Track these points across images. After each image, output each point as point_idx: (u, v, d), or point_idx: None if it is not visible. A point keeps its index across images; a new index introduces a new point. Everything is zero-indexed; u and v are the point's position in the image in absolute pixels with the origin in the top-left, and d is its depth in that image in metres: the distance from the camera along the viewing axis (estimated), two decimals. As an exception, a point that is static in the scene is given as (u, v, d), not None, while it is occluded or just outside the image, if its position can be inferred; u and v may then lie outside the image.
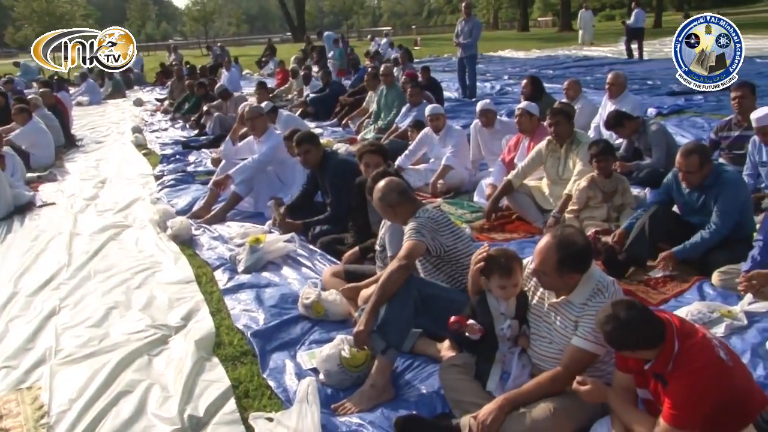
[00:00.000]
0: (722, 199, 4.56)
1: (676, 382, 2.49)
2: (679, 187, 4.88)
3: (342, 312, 4.31)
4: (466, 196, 7.14)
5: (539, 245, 2.96)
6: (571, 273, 2.91)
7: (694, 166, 4.58)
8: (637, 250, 4.79)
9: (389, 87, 10.52)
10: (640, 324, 2.52)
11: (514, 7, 63.80)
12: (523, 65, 22.74)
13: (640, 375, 2.70)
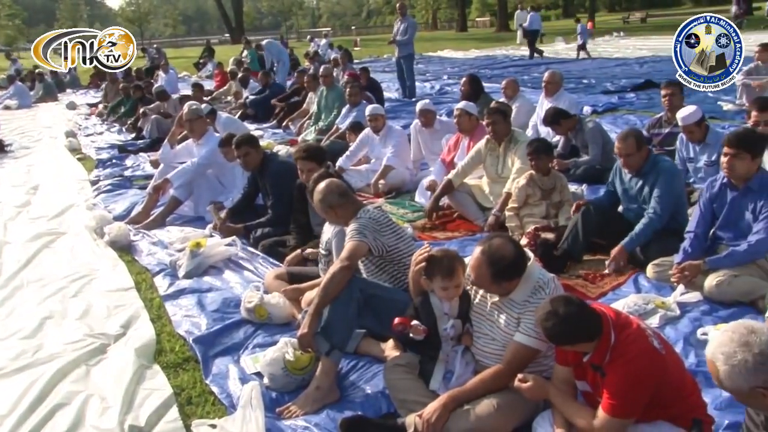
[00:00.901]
0: (659, 185, 4.75)
1: (614, 373, 2.56)
2: (620, 175, 5.07)
3: (285, 315, 4.28)
4: (408, 196, 7.18)
5: (471, 261, 3.00)
6: (507, 282, 2.97)
7: (632, 148, 4.79)
8: (571, 247, 4.93)
9: (329, 88, 10.50)
10: (578, 319, 2.58)
11: (453, 7, 64.58)
12: (462, 65, 23.04)
13: (578, 368, 2.76)
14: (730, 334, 2.05)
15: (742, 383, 1.99)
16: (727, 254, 4.21)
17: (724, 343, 2.03)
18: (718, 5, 54.10)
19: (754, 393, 1.99)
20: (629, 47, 26.20)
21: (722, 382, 2.03)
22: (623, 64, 19.76)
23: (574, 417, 2.71)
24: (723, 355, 2.02)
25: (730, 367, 1.99)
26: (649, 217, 4.73)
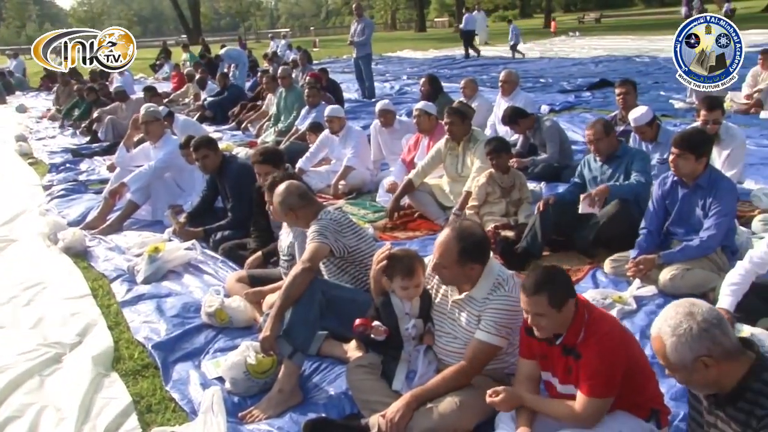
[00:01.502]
0: (636, 162, 5.01)
1: (589, 351, 2.60)
2: (589, 165, 5.25)
3: (246, 318, 4.24)
4: (368, 196, 7.19)
5: (439, 239, 3.02)
6: (471, 263, 2.97)
7: (600, 133, 5.02)
8: (531, 245, 5.00)
9: (288, 89, 10.44)
10: (562, 273, 2.73)
11: (411, 8, 64.83)
12: (421, 65, 23.16)
13: (544, 359, 2.80)
14: (674, 308, 2.15)
15: (687, 353, 2.06)
16: (680, 249, 4.32)
17: (669, 317, 2.12)
18: (669, 6, 55.52)
19: (697, 366, 2.06)
20: (585, 47, 26.63)
21: (669, 358, 2.09)
22: (579, 64, 20.10)
23: (553, 411, 2.73)
24: (669, 327, 2.09)
25: (677, 338, 2.07)
26: (637, 180, 4.91)
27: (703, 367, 2.06)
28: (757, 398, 2.04)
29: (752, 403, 2.05)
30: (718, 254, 4.35)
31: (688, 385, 2.19)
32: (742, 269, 3.78)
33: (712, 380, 2.10)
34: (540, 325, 2.65)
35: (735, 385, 2.09)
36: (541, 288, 2.61)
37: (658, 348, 2.12)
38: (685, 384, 2.18)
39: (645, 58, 19.94)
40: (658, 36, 29.30)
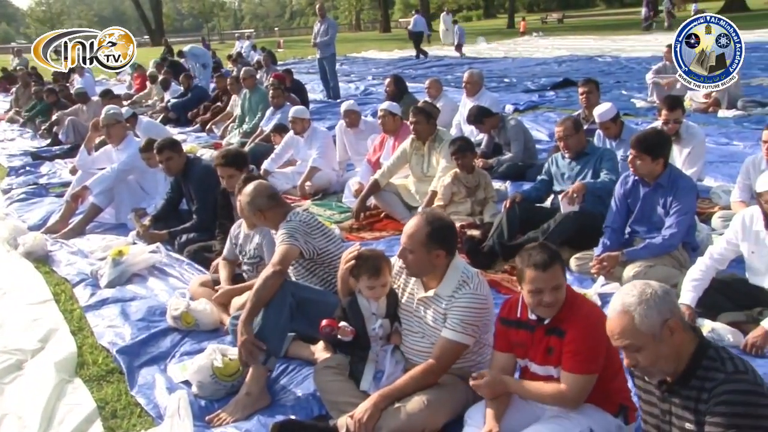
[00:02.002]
0: (605, 161, 5.10)
1: (574, 328, 2.64)
2: (557, 162, 5.32)
3: (212, 321, 4.20)
4: (334, 197, 7.19)
5: (408, 225, 3.03)
6: (438, 249, 2.97)
7: (570, 129, 5.11)
8: (497, 244, 5.02)
9: (252, 90, 10.37)
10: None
11: (376, 8, 64.86)
12: (386, 65, 23.19)
13: (522, 346, 2.83)
14: (628, 286, 2.23)
15: (656, 317, 2.12)
16: (643, 246, 4.40)
17: (628, 293, 2.19)
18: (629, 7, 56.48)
19: (665, 333, 2.12)
20: (548, 47, 26.97)
21: (638, 329, 2.12)
22: (543, 64, 20.34)
23: (538, 393, 2.75)
24: (634, 297, 2.15)
25: (644, 303, 2.13)
26: (609, 178, 4.97)
27: (669, 334, 2.13)
28: (706, 374, 2.12)
29: (702, 379, 2.12)
30: (679, 251, 4.44)
31: (651, 369, 2.20)
32: (703, 265, 3.87)
33: (675, 352, 2.15)
34: (555, 298, 2.67)
35: (685, 366, 2.16)
36: (554, 260, 2.67)
37: (625, 325, 2.15)
38: (648, 368, 2.19)
39: (607, 58, 20.28)
40: (620, 36, 29.87)
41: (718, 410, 2.04)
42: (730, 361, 2.12)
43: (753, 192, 4.02)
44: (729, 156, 7.54)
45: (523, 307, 2.82)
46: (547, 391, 2.72)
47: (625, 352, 2.18)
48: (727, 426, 2.01)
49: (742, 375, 2.08)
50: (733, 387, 2.05)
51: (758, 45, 19.74)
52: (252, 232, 4.30)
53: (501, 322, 2.91)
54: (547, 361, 2.76)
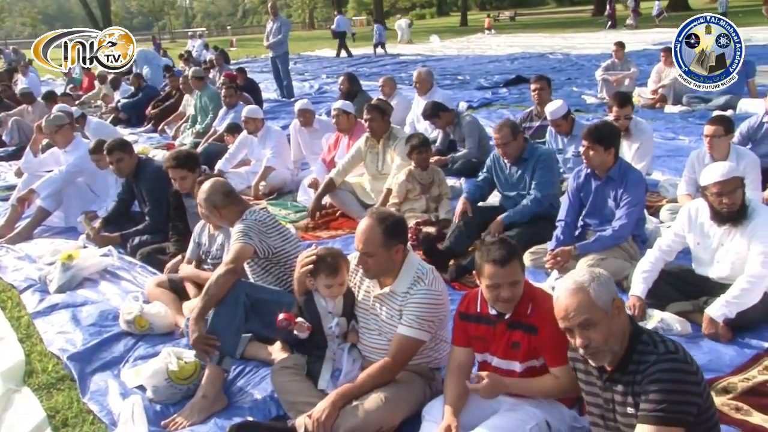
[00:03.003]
0: (539, 171, 5.05)
1: (546, 323, 2.64)
2: (499, 165, 5.29)
3: (167, 324, 4.15)
4: (290, 197, 7.16)
5: (360, 229, 3.01)
6: (396, 244, 3.00)
7: (508, 137, 5.04)
8: (455, 245, 5.06)
9: (204, 90, 10.22)
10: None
11: (329, 6, 64.62)
12: (339, 64, 23.13)
13: (481, 340, 2.86)
14: (576, 271, 2.35)
15: (607, 295, 2.25)
16: (595, 239, 4.49)
17: (579, 273, 2.31)
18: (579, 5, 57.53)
19: (614, 311, 2.24)
20: (500, 44, 27.28)
21: (595, 304, 2.21)
22: (495, 61, 20.56)
23: (538, 388, 2.77)
24: (587, 276, 2.26)
25: (597, 281, 2.25)
26: (531, 199, 4.98)
27: (617, 313, 2.24)
28: (641, 357, 2.22)
29: (638, 363, 2.21)
30: (629, 243, 4.54)
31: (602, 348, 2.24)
32: (652, 257, 3.97)
33: (621, 331, 2.24)
34: (512, 293, 2.70)
35: (623, 352, 2.25)
36: (513, 256, 2.71)
37: (581, 299, 2.22)
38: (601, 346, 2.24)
39: (558, 55, 20.62)
40: (570, 33, 30.38)
41: (650, 388, 2.13)
42: (662, 343, 2.22)
43: (698, 185, 4.14)
44: (675, 150, 7.75)
45: (482, 301, 2.85)
46: (546, 385, 2.75)
47: (578, 331, 2.22)
48: (659, 402, 2.10)
49: (672, 354, 2.17)
50: (664, 366, 2.14)
51: (701, 42, 20.29)
52: (216, 232, 4.26)
53: (460, 316, 2.93)
54: (510, 355, 2.80)
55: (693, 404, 2.12)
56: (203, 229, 4.41)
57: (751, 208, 3.74)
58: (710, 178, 3.73)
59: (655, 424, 2.10)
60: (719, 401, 3.04)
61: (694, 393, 2.13)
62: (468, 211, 5.11)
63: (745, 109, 9.10)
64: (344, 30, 27.19)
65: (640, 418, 2.15)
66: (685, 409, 2.10)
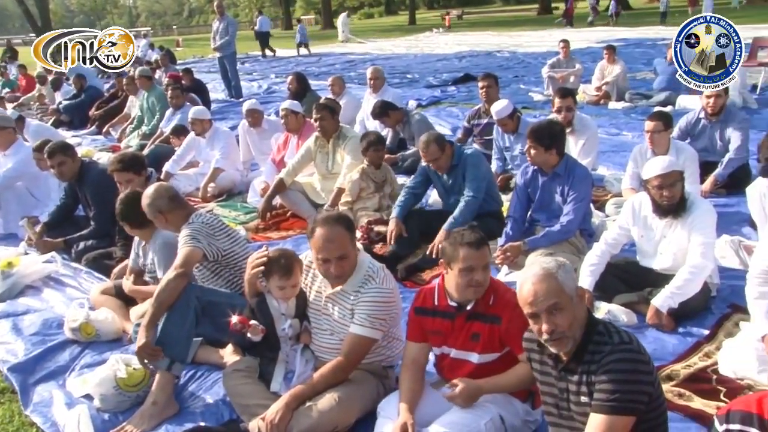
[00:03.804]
0: (469, 173, 5.07)
1: (510, 315, 2.68)
2: (435, 174, 5.29)
3: (115, 330, 4.06)
4: (239, 198, 7.09)
5: (325, 237, 2.91)
6: (355, 237, 3.04)
7: (436, 153, 5.05)
8: (399, 248, 5.07)
9: (150, 91, 10.03)
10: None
11: (277, 5, 64.17)
12: (288, 63, 22.98)
13: (438, 334, 2.87)
14: (540, 258, 2.42)
15: (571, 282, 2.30)
16: (543, 234, 4.56)
17: (545, 260, 2.34)
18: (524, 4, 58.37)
19: (577, 297, 2.28)
20: (448, 43, 27.50)
21: (563, 289, 2.24)
22: (444, 59, 20.72)
23: (511, 381, 2.78)
24: (553, 263, 2.29)
25: (563, 269, 2.28)
26: (466, 200, 5.00)
27: (579, 300, 2.29)
28: (596, 348, 2.25)
29: (593, 353, 2.25)
30: (577, 238, 4.63)
31: (567, 334, 2.27)
32: (599, 251, 4.06)
33: (582, 318, 2.29)
34: (484, 277, 2.75)
35: (579, 342, 2.28)
36: (484, 240, 2.76)
37: (551, 284, 2.24)
38: (566, 332, 2.27)
39: (505, 53, 20.91)
40: (517, 32, 30.82)
41: (604, 378, 2.17)
42: (617, 334, 2.27)
43: (641, 179, 4.25)
44: (619, 145, 7.94)
45: (440, 295, 2.87)
46: (514, 379, 2.77)
47: (545, 316, 2.25)
48: (612, 392, 2.15)
49: (626, 345, 2.22)
50: (618, 356, 2.18)
51: (640, 41, 20.93)
52: (147, 246, 4.14)
53: (416, 311, 2.94)
54: (469, 346, 2.82)
55: (645, 393, 2.17)
56: (139, 239, 4.28)
57: (691, 201, 3.86)
58: (651, 171, 3.84)
59: (608, 413, 2.15)
60: (663, 388, 3.12)
61: (647, 382, 2.19)
62: (402, 232, 5.09)
63: (684, 105, 9.39)
64: (267, 30, 27.47)
65: (593, 407, 2.20)
66: (638, 398, 2.16)
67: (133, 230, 3.88)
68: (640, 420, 2.18)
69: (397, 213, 5.18)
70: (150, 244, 4.07)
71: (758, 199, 4.48)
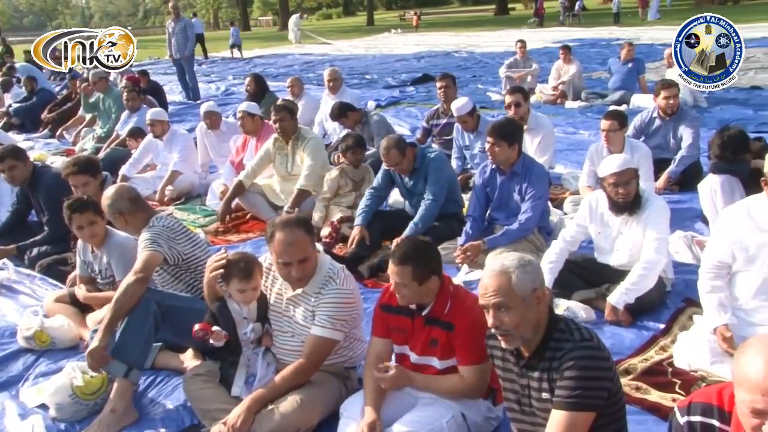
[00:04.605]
0: (431, 175, 5.08)
1: (462, 322, 2.71)
2: (398, 177, 5.30)
3: (71, 337, 3.97)
4: (198, 201, 7.01)
5: (285, 241, 2.90)
6: (314, 239, 3.04)
7: (397, 158, 5.05)
8: (360, 250, 5.06)
9: (105, 93, 9.84)
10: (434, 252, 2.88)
11: (234, 6, 63.61)
12: (246, 65, 22.80)
13: (401, 332, 2.89)
14: (509, 252, 2.40)
15: (529, 284, 2.27)
16: (502, 233, 4.61)
17: (509, 256, 2.34)
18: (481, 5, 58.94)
19: (533, 300, 2.27)
20: (407, 43, 27.59)
21: (513, 290, 2.25)
22: (402, 60, 20.79)
23: (442, 387, 2.80)
24: (515, 261, 2.30)
25: (522, 269, 2.27)
26: (426, 204, 5.02)
27: (536, 302, 2.28)
28: (557, 344, 2.28)
29: (554, 349, 2.28)
30: (535, 235, 4.70)
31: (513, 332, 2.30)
32: (557, 248, 4.12)
33: (536, 320, 2.30)
34: (401, 293, 2.75)
35: (541, 339, 2.31)
36: (408, 260, 2.71)
37: (501, 283, 2.26)
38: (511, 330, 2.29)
39: (463, 53, 21.07)
40: (474, 32, 31.06)
41: (566, 375, 2.21)
42: (578, 331, 2.30)
43: (597, 177, 4.32)
44: (576, 144, 8.07)
45: None
46: (451, 384, 2.79)
47: (492, 311, 2.28)
48: (573, 388, 2.18)
49: (587, 342, 2.26)
50: (579, 353, 2.22)
51: (595, 41, 21.32)
52: (98, 251, 4.03)
53: (381, 308, 2.96)
54: (428, 351, 2.83)
55: (605, 389, 2.21)
56: (86, 246, 4.13)
57: (645, 198, 3.94)
58: (607, 169, 3.91)
59: (569, 410, 2.18)
60: (622, 382, 3.17)
61: (606, 378, 2.22)
62: (366, 239, 5.07)
63: (638, 104, 9.57)
64: (201, 32, 27.22)
65: (555, 404, 2.23)
66: (598, 394, 2.19)
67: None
68: (600, 415, 2.22)
69: (361, 220, 5.17)
70: (103, 250, 3.99)
71: (709, 195, 4.61)
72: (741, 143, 4.71)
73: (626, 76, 10.48)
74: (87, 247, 4.10)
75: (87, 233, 3.87)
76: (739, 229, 3.20)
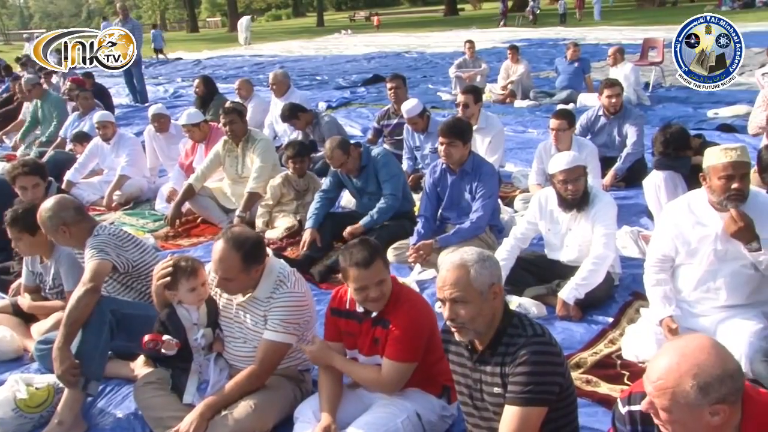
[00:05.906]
0: (381, 171, 5.13)
1: (397, 318, 2.73)
2: (346, 178, 5.31)
3: (14, 349, 3.84)
4: (147, 205, 6.88)
5: (216, 255, 2.89)
6: (256, 266, 2.94)
7: (341, 158, 5.08)
8: (312, 252, 5.05)
9: (42, 99, 9.54)
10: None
11: (181, 7, 62.67)
12: (195, 67, 22.48)
13: (351, 336, 2.89)
14: (470, 247, 2.40)
15: (487, 279, 2.28)
16: (454, 232, 4.64)
17: (470, 251, 2.35)
18: (431, 5, 59.35)
19: (489, 295, 2.29)
20: (357, 44, 27.59)
21: (471, 283, 2.26)
22: (353, 61, 20.77)
23: (359, 374, 2.84)
24: (474, 255, 2.31)
25: (481, 263, 2.29)
26: (386, 199, 5.06)
27: (492, 297, 2.30)
28: (511, 340, 2.32)
29: (507, 344, 2.32)
30: (487, 233, 4.74)
31: (467, 326, 2.31)
32: (508, 246, 4.17)
33: (492, 314, 2.32)
34: (381, 292, 2.74)
35: (494, 334, 2.34)
36: (375, 256, 2.73)
37: (459, 276, 2.27)
38: (466, 324, 2.30)
39: (414, 54, 21.16)
40: (425, 33, 31.27)
41: (518, 370, 2.24)
42: (530, 326, 2.34)
43: (547, 175, 4.38)
44: (525, 142, 8.18)
45: (351, 299, 2.88)
46: (367, 375, 2.83)
47: (449, 303, 2.29)
48: (525, 384, 2.22)
49: (539, 338, 2.29)
50: (531, 349, 2.25)
51: (543, 41, 21.70)
52: (48, 261, 3.91)
53: (331, 312, 2.96)
54: (373, 351, 2.84)
55: (556, 384, 2.25)
56: (34, 256, 4.01)
57: (593, 194, 4.02)
58: (556, 167, 3.97)
59: (522, 405, 2.21)
60: (573, 376, 3.23)
61: (558, 373, 2.26)
62: (317, 241, 5.06)
63: (584, 102, 9.77)
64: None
65: (507, 399, 2.25)
66: (549, 389, 2.23)
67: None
68: (552, 409, 2.26)
69: (312, 223, 5.15)
70: (51, 260, 3.87)
71: (653, 191, 4.72)
72: (682, 140, 4.84)
73: (572, 75, 10.68)
74: (36, 257, 3.98)
75: (22, 247, 3.76)
76: (680, 224, 3.28)
